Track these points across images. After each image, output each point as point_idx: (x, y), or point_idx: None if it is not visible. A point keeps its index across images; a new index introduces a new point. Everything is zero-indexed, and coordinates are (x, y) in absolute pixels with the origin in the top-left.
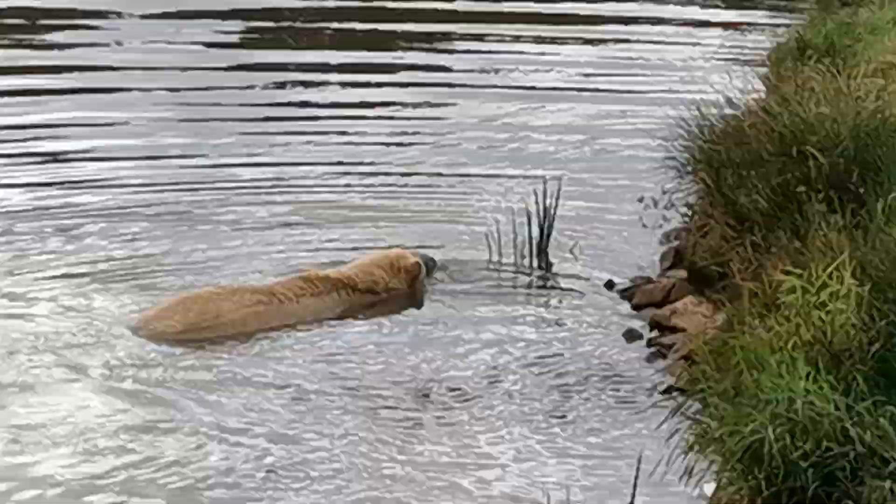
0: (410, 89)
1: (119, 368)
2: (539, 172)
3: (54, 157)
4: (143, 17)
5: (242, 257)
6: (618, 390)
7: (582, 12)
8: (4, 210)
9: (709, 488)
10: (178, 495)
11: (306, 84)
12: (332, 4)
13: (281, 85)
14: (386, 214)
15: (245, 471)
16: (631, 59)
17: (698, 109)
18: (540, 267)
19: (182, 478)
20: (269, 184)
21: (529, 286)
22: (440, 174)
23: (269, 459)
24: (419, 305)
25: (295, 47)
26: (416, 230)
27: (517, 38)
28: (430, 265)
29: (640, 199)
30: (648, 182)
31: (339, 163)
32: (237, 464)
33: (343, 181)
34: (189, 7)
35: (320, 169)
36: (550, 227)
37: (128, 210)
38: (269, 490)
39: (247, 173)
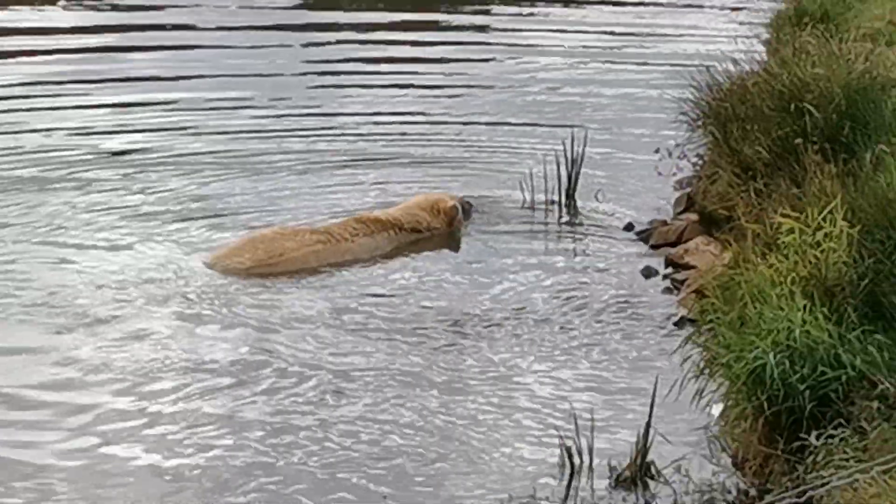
0: (453, 47)
1: (194, 300)
2: (567, 124)
3: (132, 106)
4: None
5: (302, 200)
6: (636, 321)
7: None
8: (86, 156)
9: (717, 408)
10: (240, 410)
11: (361, 42)
12: None
13: (337, 42)
14: (429, 160)
15: (300, 389)
16: (649, 24)
17: (707, 70)
18: (567, 209)
19: (241, 395)
20: (324, 132)
21: (558, 226)
22: (479, 123)
23: (321, 380)
24: (457, 243)
25: (348, 9)
26: (458, 174)
27: (549, 2)
28: (467, 207)
29: (657, 150)
30: (664, 134)
31: (389, 112)
32: (291, 380)
33: (391, 130)
34: None
35: (371, 118)
36: (577, 173)
37: (199, 157)
38: (323, 404)
39: (306, 123)
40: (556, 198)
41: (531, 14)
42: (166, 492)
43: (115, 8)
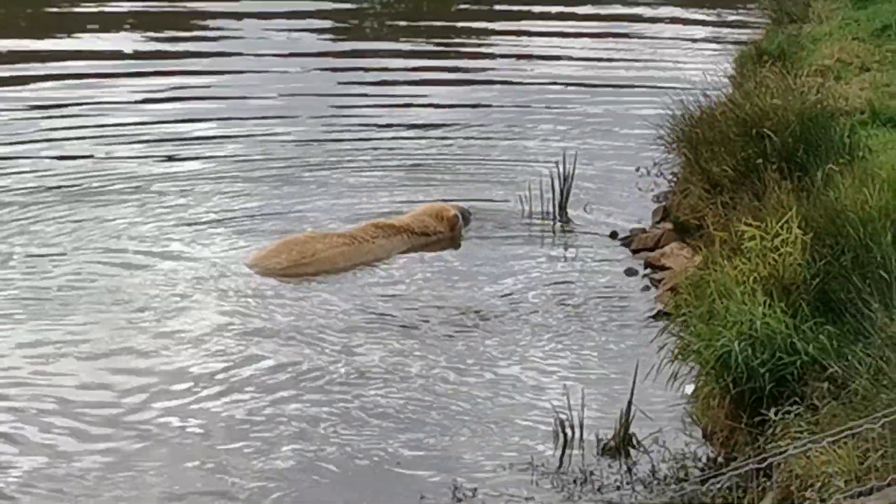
0: (461, 74)
1: (236, 296)
2: (561, 145)
3: (182, 122)
4: (262, 17)
5: (327, 208)
6: (619, 314)
7: (594, 12)
8: (142, 171)
9: (689, 388)
10: (278, 385)
11: (385, 68)
12: (402, 8)
13: (358, 69)
14: (438, 172)
15: (329, 369)
16: (630, 58)
17: (681, 101)
18: (560, 218)
19: (278, 373)
20: (344, 149)
21: (551, 233)
22: (484, 143)
23: (346, 362)
24: (458, 246)
25: (373, 38)
26: (463, 186)
27: (542, 34)
28: (467, 215)
29: (637, 169)
30: (644, 155)
31: (404, 129)
32: (321, 363)
33: (405, 145)
34: (297, 8)
35: (392, 134)
36: (569, 188)
37: (239, 172)
38: (346, 383)
39: (329, 145)
40: (549, 208)
41: (528, 46)
42: (216, 452)
43: (173, 39)
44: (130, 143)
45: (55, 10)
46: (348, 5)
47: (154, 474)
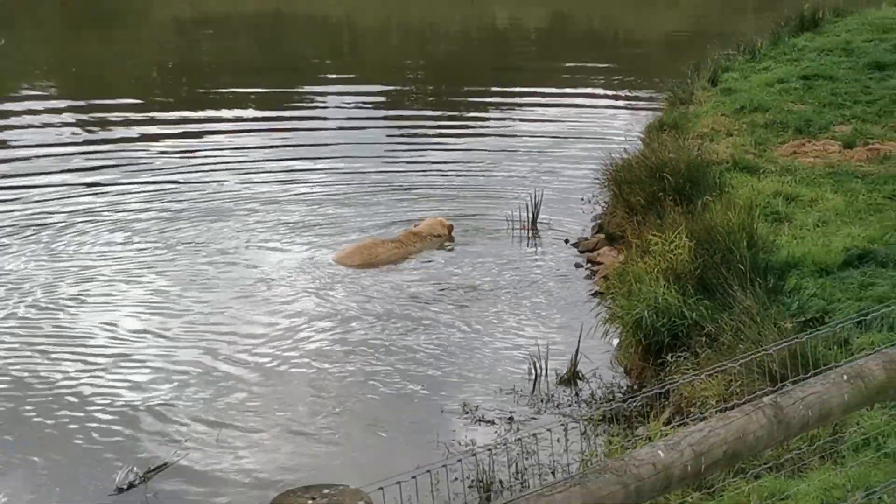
0: (466, 130)
1: (322, 286)
2: (533, 179)
3: (278, 161)
4: (341, 94)
5: (377, 219)
6: (570, 292)
7: (558, 91)
8: (247, 194)
9: (615, 341)
10: (347, 340)
11: (416, 127)
12: (429, 90)
13: (401, 127)
14: (447, 196)
15: (381, 328)
16: (582, 124)
17: (611, 153)
18: (531, 230)
19: (349, 331)
20: (388, 178)
21: (524, 241)
22: (480, 176)
23: (385, 326)
24: (457, 247)
25: (410, 108)
26: (466, 206)
27: (522, 105)
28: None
29: (583, 198)
30: (587, 189)
31: (430, 163)
32: (379, 325)
33: (427, 177)
34: (363, 90)
35: (419, 168)
36: (537, 212)
37: (319, 196)
38: (392, 339)
39: (374, 177)
40: (525, 222)
41: (513, 111)
42: (307, 380)
43: (284, 108)
44: (248, 174)
45: (215, 89)
46: (397, 87)
47: (263, 388)
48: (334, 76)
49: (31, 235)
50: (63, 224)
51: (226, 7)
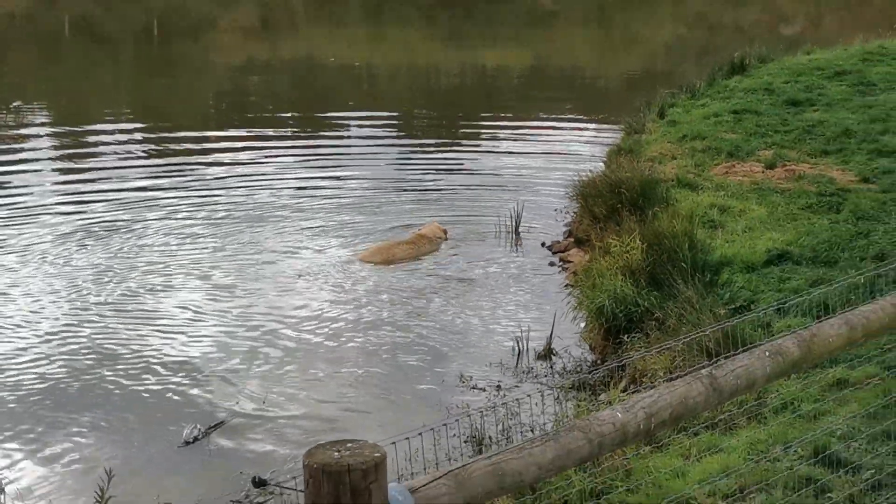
0: (462, 155)
1: (352, 277)
2: (515, 196)
3: (310, 178)
4: (363, 119)
5: (392, 223)
6: (545, 285)
7: (536, 125)
8: (282, 202)
9: (582, 324)
10: (369, 320)
11: (419, 150)
12: (433, 119)
13: (408, 148)
14: (447, 205)
15: (397, 310)
16: (557, 149)
17: (579, 173)
18: (514, 235)
19: (371, 314)
20: (400, 189)
21: (508, 244)
22: (474, 191)
23: (404, 307)
24: (456, 250)
25: (416, 136)
26: (463, 214)
27: (508, 138)
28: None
29: (556, 209)
30: (560, 202)
31: (433, 182)
32: (395, 307)
33: (433, 192)
34: (383, 115)
35: (428, 185)
36: (519, 221)
37: (342, 203)
38: (405, 318)
39: (391, 184)
40: (510, 230)
41: (500, 140)
42: (337, 349)
43: (313, 129)
44: (284, 187)
45: (258, 117)
46: (406, 116)
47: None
48: (354, 107)
49: (109, 236)
50: (135, 227)
51: (268, 54)
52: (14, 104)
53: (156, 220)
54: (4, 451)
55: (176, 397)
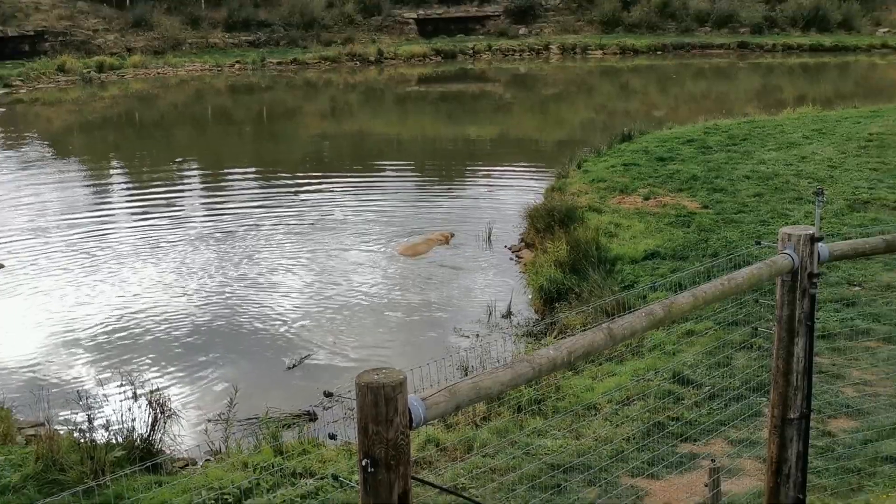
0: (457, 185)
1: (391, 265)
2: (489, 216)
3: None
4: (393, 167)
5: (414, 226)
6: (506, 272)
7: (503, 168)
8: (326, 215)
9: (529, 296)
10: (397, 296)
11: (426, 186)
12: (435, 162)
13: (420, 184)
14: (446, 219)
15: (416, 286)
16: (515, 184)
17: (529, 203)
18: (488, 242)
19: (399, 289)
20: (414, 206)
21: (483, 246)
22: (460, 211)
23: (421, 284)
24: (448, 249)
25: (426, 177)
26: (455, 226)
27: (483, 175)
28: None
29: (514, 225)
30: (516, 221)
31: (434, 206)
32: (417, 283)
33: (438, 211)
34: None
35: (436, 205)
36: (491, 231)
37: (379, 220)
38: (418, 295)
39: (407, 202)
40: (484, 239)
41: (479, 176)
42: (368, 323)
43: (359, 172)
44: (344, 207)
45: (330, 164)
46: (419, 164)
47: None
48: (388, 159)
49: (231, 237)
50: (249, 232)
51: (334, 129)
52: (177, 159)
53: (263, 228)
54: (169, 374)
55: (278, 340)
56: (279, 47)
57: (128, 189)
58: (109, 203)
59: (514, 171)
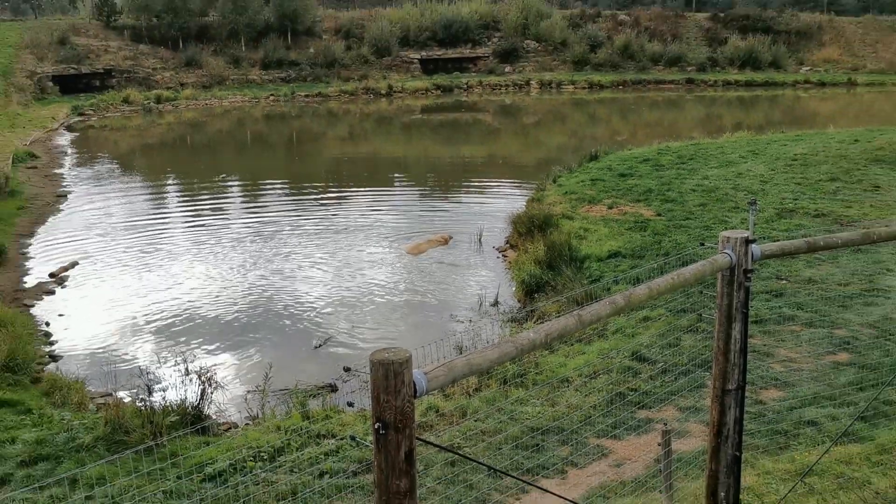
0: (452, 203)
1: (395, 265)
2: (480, 222)
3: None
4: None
5: (420, 229)
6: (494, 268)
7: (488, 183)
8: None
9: (514, 288)
10: (400, 285)
11: (429, 196)
12: (430, 183)
13: (424, 194)
14: (444, 225)
15: (419, 279)
16: (501, 195)
17: (512, 211)
18: (479, 243)
19: (404, 280)
20: (418, 216)
21: (475, 247)
22: (458, 219)
23: (418, 277)
24: (446, 248)
25: (428, 189)
26: (451, 232)
27: (476, 188)
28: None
29: (501, 229)
30: (503, 225)
31: (434, 215)
32: (418, 276)
33: (438, 219)
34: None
35: (430, 216)
36: (482, 234)
37: (388, 225)
38: (412, 280)
39: (413, 215)
40: (476, 242)
41: (470, 191)
42: (380, 310)
43: (374, 186)
44: (361, 214)
45: (349, 180)
46: (422, 179)
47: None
48: (396, 174)
49: (266, 238)
50: (281, 234)
51: (352, 150)
52: (222, 175)
53: (291, 230)
54: (215, 353)
55: (307, 323)
56: (306, 83)
57: (180, 198)
58: (165, 210)
59: (500, 184)
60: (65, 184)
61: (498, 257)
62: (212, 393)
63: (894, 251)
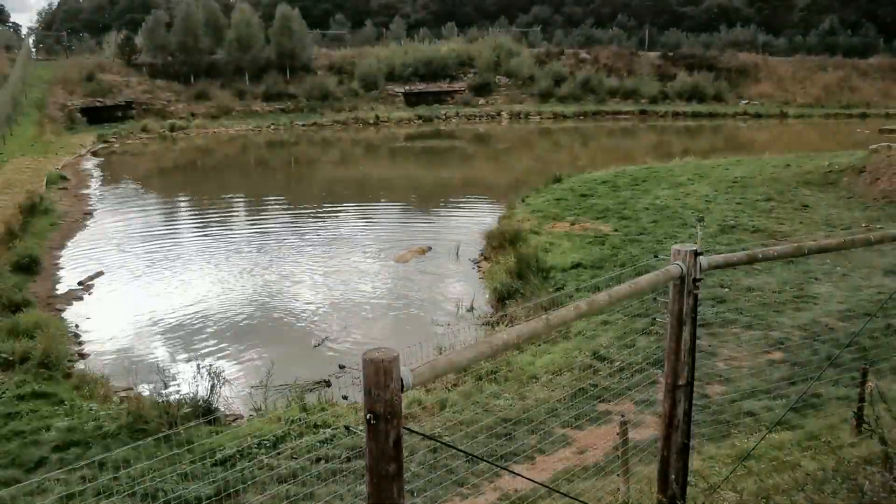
0: (433, 218)
1: (390, 269)
2: (458, 237)
3: (362, 219)
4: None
5: (407, 240)
6: (470, 277)
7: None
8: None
9: (487, 295)
10: (387, 287)
11: (414, 214)
12: (421, 196)
13: (408, 212)
14: (427, 237)
15: (406, 285)
16: (477, 214)
17: (487, 227)
18: (457, 255)
19: (393, 284)
20: (404, 228)
21: (453, 258)
22: (435, 232)
23: (404, 282)
24: (427, 259)
25: (412, 206)
26: (435, 242)
27: (456, 207)
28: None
29: (476, 242)
30: (478, 239)
31: (422, 229)
32: (405, 281)
33: (425, 232)
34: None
35: (413, 231)
36: (459, 246)
37: (378, 237)
38: (400, 289)
39: (400, 229)
40: (454, 252)
41: (449, 208)
42: (369, 314)
43: (364, 202)
44: (354, 226)
45: (342, 198)
46: (410, 199)
47: (363, 306)
48: (383, 194)
49: (267, 247)
50: (280, 244)
51: (343, 173)
52: (228, 194)
53: (290, 241)
54: (223, 351)
55: (304, 325)
56: (303, 113)
57: (191, 214)
58: (178, 224)
59: (475, 203)
60: (91, 202)
61: (473, 268)
62: (220, 387)
63: (822, 262)
